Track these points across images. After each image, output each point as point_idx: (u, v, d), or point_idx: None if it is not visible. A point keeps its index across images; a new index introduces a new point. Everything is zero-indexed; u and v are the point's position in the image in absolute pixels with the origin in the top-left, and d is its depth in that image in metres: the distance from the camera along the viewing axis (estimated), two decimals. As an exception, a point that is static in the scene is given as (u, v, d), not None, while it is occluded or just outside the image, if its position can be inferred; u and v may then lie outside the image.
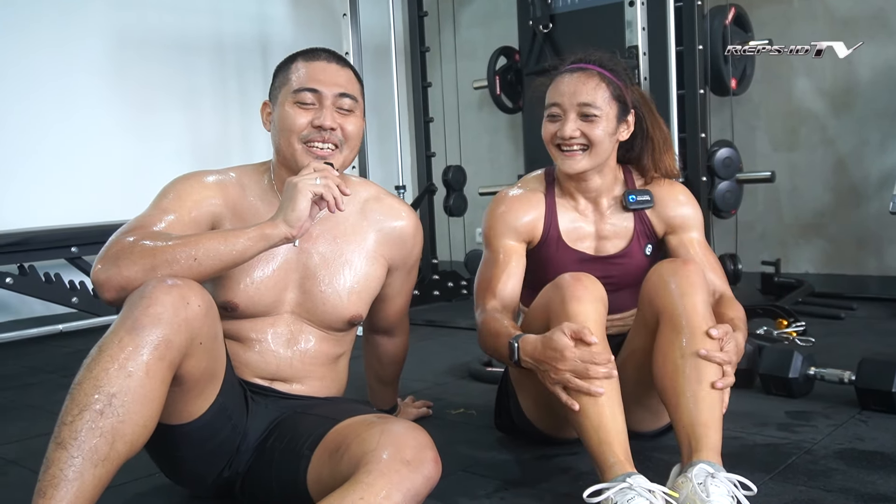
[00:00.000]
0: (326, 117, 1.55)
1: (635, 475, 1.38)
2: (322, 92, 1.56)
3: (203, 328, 1.32)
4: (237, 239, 1.39)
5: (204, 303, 1.32)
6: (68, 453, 1.15)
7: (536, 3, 4.22)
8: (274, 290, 1.58)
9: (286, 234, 1.40)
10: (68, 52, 4.11)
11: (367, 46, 4.19)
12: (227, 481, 1.55)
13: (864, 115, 4.04)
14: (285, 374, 1.61)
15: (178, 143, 4.51)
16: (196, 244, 1.37)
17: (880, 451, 1.77)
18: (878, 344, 2.88)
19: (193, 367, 1.34)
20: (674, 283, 1.59)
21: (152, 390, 1.22)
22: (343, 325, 1.64)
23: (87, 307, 3.61)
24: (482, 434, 2.05)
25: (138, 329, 1.23)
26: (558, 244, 1.85)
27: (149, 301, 1.25)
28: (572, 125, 1.76)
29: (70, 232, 3.69)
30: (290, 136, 1.57)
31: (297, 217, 1.40)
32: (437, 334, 3.57)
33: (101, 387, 1.18)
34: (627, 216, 1.87)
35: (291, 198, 1.41)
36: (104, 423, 1.17)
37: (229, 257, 1.38)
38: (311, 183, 1.42)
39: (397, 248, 1.72)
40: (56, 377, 3.01)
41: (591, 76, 1.77)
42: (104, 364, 1.20)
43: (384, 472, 1.24)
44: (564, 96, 1.77)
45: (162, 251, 1.35)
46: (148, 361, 1.22)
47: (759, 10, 4.20)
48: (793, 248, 4.31)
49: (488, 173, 5.27)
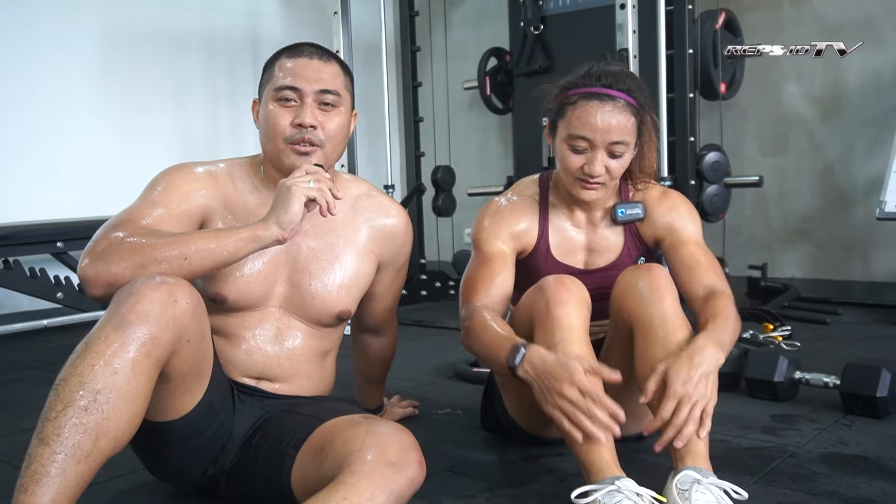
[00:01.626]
0: (306, 115, 1.54)
1: (624, 478, 1.38)
2: (302, 89, 1.55)
3: (191, 326, 1.31)
4: (228, 239, 1.38)
5: (192, 300, 1.31)
6: (51, 449, 1.14)
7: (528, 5, 4.22)
8: (264, 284, 1.57)
9: (278, 236, 1.41)
10: (56, 47, 4.08)
11: (357, 45, 4.18)
12: (212, 479, 1.54)
13: (851, 121, 4.07)
14: (273, 373, 1.60)
15: (167, 138, 4.49)
16: (187, 243, 1.36)
17: (864, 456, 1.78)
18: (863, 349, 2.90)
19: (181, 365, 1.33)
20: (641, 290, 1.58)
21: (138, 387, 1.22)
22: (331, 320, 1.64)
23: (72, 302, 3.58)
24: (468, 434, 2.05)
25: (125, 326, 1.22)
26: (547, 258, 1.83)
27: (136, 298, 1.24)
28: (601, 164, 1.70)
29: (56, 227, 3.66)
30: (275, 137, 1.56)
31: (290, 220, 1.41)
32: (425, 334, 3.57)
33: (86, 383, 1.18)
34: (618, 228, 1.85)
35: (285, 200, 1.41)
36: (88, 420, 1.16)
37: (220, 257, 1.38)
38: (304, 186, 1.42)
39: (387, 246, 1.72)
40: (40, 372, 2.99)
41: (622, 110, 1.69)
42: (90, 360, 1.19)
43: (368, 473, 1.24)
44: (597, 133, 1.68)
45: (152, 248, 1.34)
46: (134, 358, 1.21)
47: (750, 15, 4.22)
48: (780, 252, 4.33)
49: (477, 174, 5.27)
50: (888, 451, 1.81)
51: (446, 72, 5.13)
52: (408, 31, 4.71)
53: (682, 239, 1.79)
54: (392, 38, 5.04)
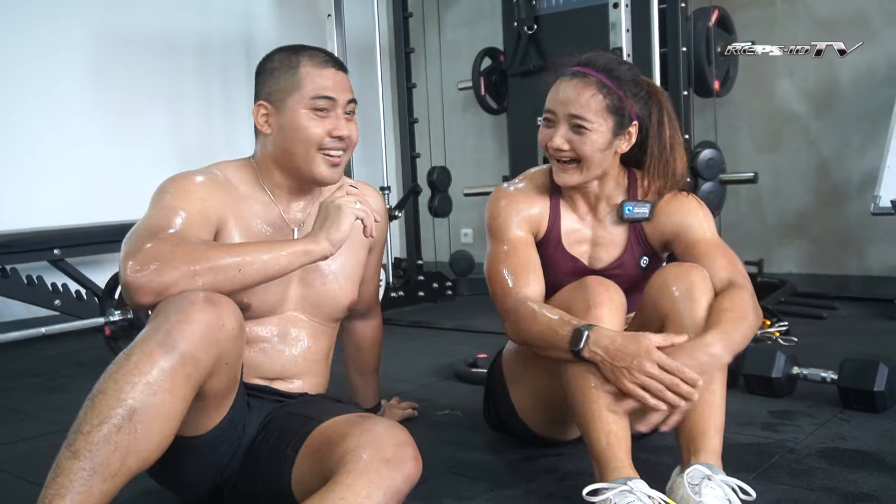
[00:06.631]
0: (342, 127, 1.59)
1: (636, 479, 1.39)
2: (337, 99, 1.59)
3: (232, 350, 1.31)
4: (280, 252, 1.40)
5: (237, 324, 1.30)
6: (80, 465, 1.13)
7: (521, 5, 4.23)
8: (280, 288, 1.59)
9: (328, 252, 1.45)
10: (50, 52, 4.08)
11: (351, 47, 4.19)
12: (219, 486, 1.55)
13: (845, 116, 4.07)
14: (289, 373, 1.64)
15: (162, 142, 4.48)
16: (242, 253, 1.36)
17: (862, 450, 1.79)
18: (860, 343, 2.91)
19: (216, 385, 1.33)
20: (677, 287, 1.57)
21: (174, 409, 1.21)
22: (342, 312, 1.71)
23: (69, 310, 3.57)
24: (468, 435, 2.05)
25: (169, 344, 1.21)
26: (557, 246, 1.81)
27: (183, 317, 1.23)
28: (561, 137, 1.69)
29: (53, 234, 3.65)
30: (308, 146, 1.57)
31: (341, 238, 1.46)
32: (423, 335, 3.57)
33: (124, 399, 1.16)
34: (622, 226, 1.82)
35: (336, 218, 1.46)
36: (121, 439, 1.16)
37: (273, 269, 1.39)
38: (353, 207, 1.48)
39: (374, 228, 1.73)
40: (38, 381, 2.98)
41: (588, 85, 1.67)
42: (130, 376, 1.18)
43: (364, 471, 1.24)
44: (558, 104, 1.69)
45: (205, 257, 1.32)
46: (174, 379, 1.20)
47: (743, 13, 4.23)
48: (775, 248, 4.34)
49: (473, 174, 5.27)
50: (886, 445, 1.82)
51: (440, 72, 5.13)
52: (401, 33, 4.71)
53: (695, 238, 1.72)
54: (386, 40, 5.04)
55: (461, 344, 3.21)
